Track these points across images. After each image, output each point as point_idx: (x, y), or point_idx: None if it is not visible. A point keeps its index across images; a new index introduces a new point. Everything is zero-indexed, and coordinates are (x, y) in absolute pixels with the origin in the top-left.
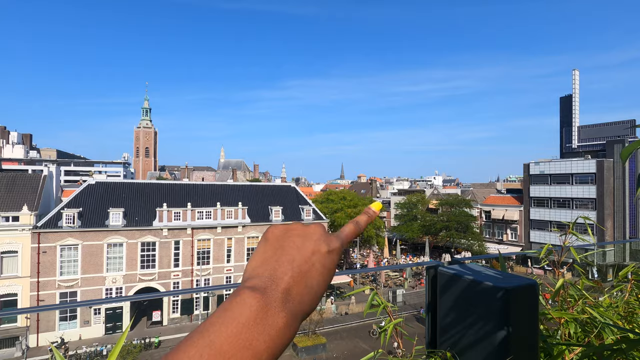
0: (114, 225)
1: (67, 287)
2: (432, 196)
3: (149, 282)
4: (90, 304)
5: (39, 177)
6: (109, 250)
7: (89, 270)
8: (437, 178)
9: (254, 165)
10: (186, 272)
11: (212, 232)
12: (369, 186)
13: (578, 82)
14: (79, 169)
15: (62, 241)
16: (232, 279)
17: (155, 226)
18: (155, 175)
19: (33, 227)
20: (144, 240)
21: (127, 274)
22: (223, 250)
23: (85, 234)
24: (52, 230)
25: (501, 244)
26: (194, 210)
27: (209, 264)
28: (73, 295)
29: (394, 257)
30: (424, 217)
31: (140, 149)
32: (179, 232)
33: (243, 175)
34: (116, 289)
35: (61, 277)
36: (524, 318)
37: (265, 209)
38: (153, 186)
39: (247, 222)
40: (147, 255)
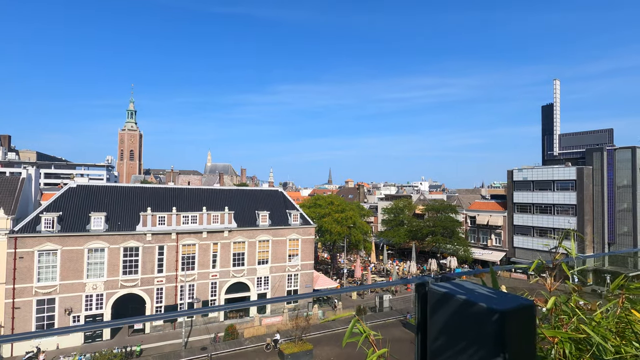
0: (95, 230)
1: (44, 293)
2: (418, 201)
3: (131, 289)
4: (115, 324)
5: (17, 180)
6: (90, 256)
7: (69, 276)
8: (423, 184)
9: (241, 169)
10: (170, 277)
11: (197, 237)
12: (357, 191)
13: (559, 92)
14: (60, 171)
15: (41, 246)
16: (217, 285)
17: (139, 231)
18: (140, 179)
19: (9, 232)
20: (126, 245)
21: (108, 279)
22: (208, 256)
23: (65, 238)
24: (30, 234)
25: (486, 249)
26: (179, 214)
27: (194, 270)
28: (51, 302)
29: (381, 262)
30: (410, 223)
31: (125, 152)
32: (163, 237)
33: (230, 179)
34: (97, 295)
35: (39, 283)
36: (521, 343)
37: (252, 214)
38: (137, 190)
39: (233, 227)
40: (129, 261)
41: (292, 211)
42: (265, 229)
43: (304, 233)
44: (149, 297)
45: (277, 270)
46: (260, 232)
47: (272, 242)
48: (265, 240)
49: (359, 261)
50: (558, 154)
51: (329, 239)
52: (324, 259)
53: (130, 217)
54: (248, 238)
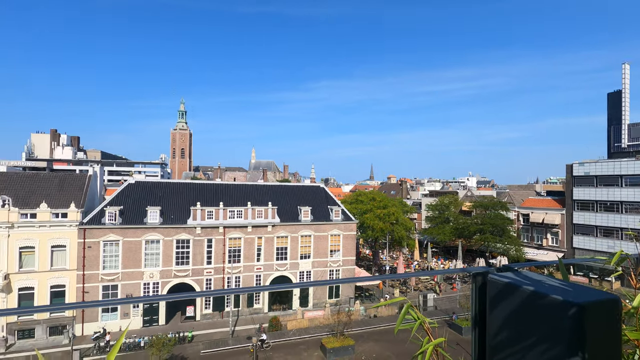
0: (152, 223)
1: (109, 280)
2: (465, 198)
3: (183, 279)
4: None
5: (85, 177)
6: (147, 247)
7: (129, 265)
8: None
9: (283, 165)
10: (218, 269)
11: (242, 231)
12: (399, 187)
13: (628, 77)
14: (121, 169)
15: (105, 237)
16: (261, 278)
17: (190, 224)
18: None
19: (79, 224)
20: (179, 237)
21: (163, 269)
22: (253, 249)
23: (126, 230)
24: (96, 226)
25: (540, 249)
26: (226, 209)
27: (240, 262)
28: (114, 289)
29: (425, 260)
30: (456, 220)
31: (176, 150)
32: (211, 231)
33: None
34: (153, 283)
35: (104, 270)
36: (603, 342)
37: (295, 209)
38: (188, 186)
39: (276, 222)
40: (181, 253)
41: (333, 207)
42: (307, 224)
43: (345, 229)
44: (199, 287)
45: (319, 265)
46: (302, 227)
47: (314, 238)
48: (307, 236)
49: (401, 258)
50: (627, 145)
51: (370, 235)
52: (365, 256)
53: (182, 211)
54: (290, 233)
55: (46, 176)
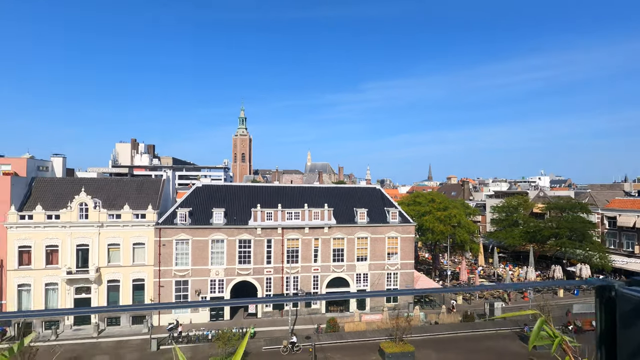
0: (217, 224)
1: (180, 276)
2: (537, 199)
3: (245, 277)
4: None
5: (160, 181)
6: (213, 246)
7: (198, 262)
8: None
9: (338, 167)
10: (277, 269)
11: (300, 232)
12: (460, 188)
13: None
14: (189, 173)
15: (177, 236)
16: (318, 278)
17: (251, 225)
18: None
19: (155, 224)
20: (241, 237)
21: (227, 267)
22: (310, 250)
23: (194, 230)
24: (170, 226)
25: (632, 257)
26: (284, 211)
27: (298, 263)
28: (185, 284)
29: (491, 265)
30: (527, 223)
31: (238, 155)
32: (270, 232)
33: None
34: (219, 280)
35: (176, 267)
36: None
37: (351, 211)
38: (249, 188)
39: (332, 224)
40: (243, 252)
41: (390, 209)
42: (363, 226)
43: (403, 231)
44: (259, 285)
45: (376, 267)
46: (359, 229)
47: (370, 240)
48: (363, 238)
49: (464, 263)
50: None
51: (430, 238)
52: (425, 259)
53: (244, 213)
54: (347, 235)
55: (128, 181)
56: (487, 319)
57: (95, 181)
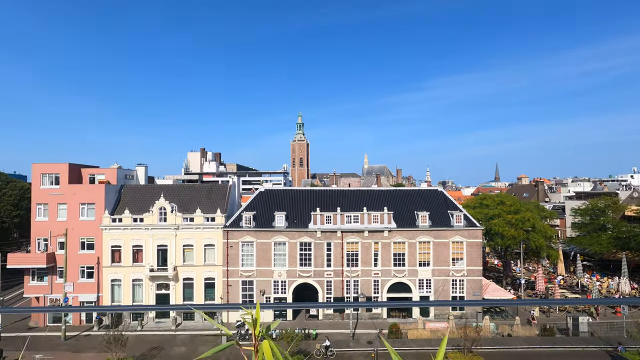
0: (279, 227)
1: (246, 276)
2: (629, 200)
3: (307, 279)
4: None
5: (226, 187)
6: (275, 248)
7: (262, 263)
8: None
9: (396, 170)
10: (337, 272)
11: (359, 235)
12: (534, 189)
13: None
14: (252, 178)
15: (242, 238)
16: (379, 283)
17: (311, 228)
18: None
19: (223, 226)
20: (301, 240)
21: (289, 269)
22: (370, 254)
23: (258, 233)
24: (236, 229)
25: None
26: (343, 214)
27: (358, 267)
28: (251, 284)
29: (573, 275)
30: (617, 227)
31: (296, 160)
32: (330, 235)
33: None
34: (281, 281)
35: (242, 267)
36: None
37: (411, 214)
38: (308, 192)
39: (392, 227)
40: (304, 254)
41: (454, 212)
42: (425, 230)
43: (469, 236)
44: (320, 287)
45: (440, 273)
46: (420, 233)
47: (433, 244)
48: (425, 242)
49: (540, 271)
50: None
51: (499, 243)
52: (494, 266)
53: (304, 216)
54: (408, 239)
55: (199, 187)
56: (570, 334)
57: (171, 187)
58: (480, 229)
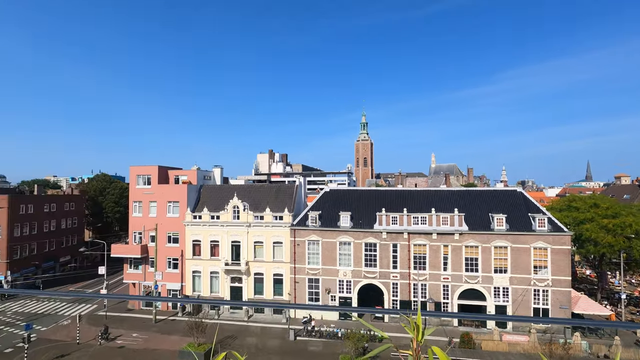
0: (344, 226)
1: (312, 274)
2: None
3: (372, 280)
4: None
5: (293, 187)
6: (341, 248)
7: (327, 262)
8: None
9: (467, 169)
10: (404, 274)
11: (427, 238)
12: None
13: None
14: (316, 178)
15: (309, 237)
16: (449, 288)
17: (376, 229)
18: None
19: (290, 225)
20: (366, 241)
21: (354, 269)
22: (439, 257)
23: (324, 232)
24: (302, 227)
25: None
26: (410, 215)
27: (425, 270)
28: (317, 282)
29: None
30: None
31: (360, 160)
32: (396, 236)
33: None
34: (346, 281)
35: (309, 265)
36: None
37: (485, 217)
38: (373, 192)
39: (464, 230)
40: (369, 255)
41: (536, 215)
42: (502, 233)
43: (554, 242)
44: (386, 289)
45: (519, 282)
46: (496, 237)
47: (510, 250)
48: (502, 247)
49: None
50: None
51: (592, 251)
52: (585, 277)
53: (369, 217)
54: (481, 243)
55: (267, 187)
56: None
57: (243, 187)
58: (568, 235)
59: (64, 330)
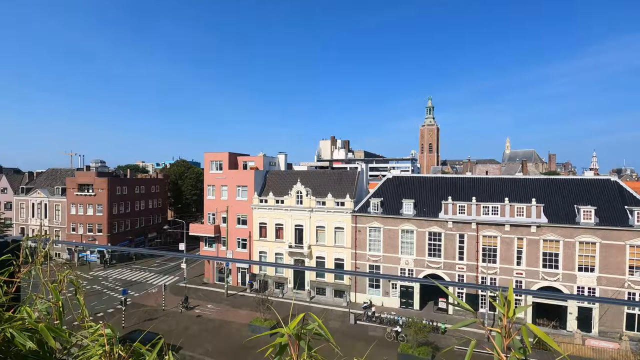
0: (406, 214)
1: (373, 260)
2: None
3: (435, 270)
4: None
5: (355, 173)
6: (403, 236)
7: (388, 250)
8: None
9: (549, 155)
10: (471, 267)
11: (499, 229)
12: None
13: None
14: (378, 165)
15: (370, 224)
16: (522, 284)
17: (441, 218)
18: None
19: (352, 211)
20: (430, 230)
21: (416, 258)
22: (512, 251)
23: (385, 219)
24: (364, 214)
25: None
26: (479, 204)
27: (496, 263)
28: (377, 269)
29: None
30: None
31: (425, 146)
32: (463, 226)
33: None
34: (408, 270)
35: (369, 252)
36: None
37: (570, 208)
38: (438, 180)
39: (542, 222)
40: (433, 245)
41: (635, 208)
42: (589, 228)
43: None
44: (451, 280)
45: (609, 283)
46: (582, 232)
47: (600, 246)
48: (589, 243)
49: None
50: None
51: None
52: None
53: (433, 205)
54: (563, 237)
55: (329, 173)
56: None
57: (306, 173)
58: None
59: (152, 297)
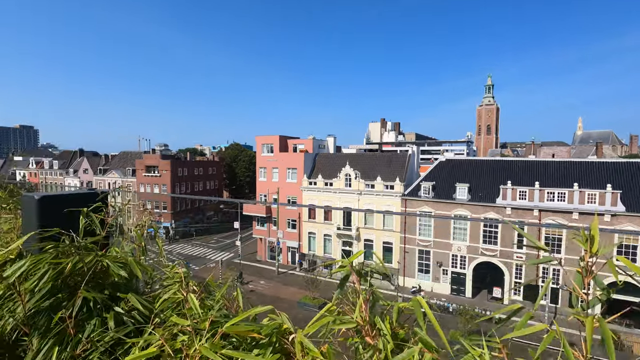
0: (460, 199)
1: (423, 245)
2: None
3: (490, 258)
4: None
5: (405, 156)
6: (455, 221)
7: (439, 235)
8: None
9: (630, 137)
10: (531, 256)
11: (565, 217)
12: None
13: None
14: (431, 148)
15: (420, 208)
16: None
17: (499, 204)
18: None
19: (402, 195)
20: (486, 216)
21: (470, 245)
22: None
23: (437, 204)
24: (414, 198)
25: None
26: (543, 190)
27: (560, 254)
28: (427, 254)
29: None
30: None
31: (482, 127)
32: (523, 213)
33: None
34: (460, 256)
35: (419, 236)
36: None
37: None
38: (497, 163)
39: (619, 211)
40: (489, 232)
41: None
42: None
43: None
44: (507, 269)
45: None
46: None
47: None
48: None
49: None
50: None
51: None
52: None
53: (490, 190)
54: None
55: (379, 156)
56: None
57: (355, 156)
58: None
59: (210, 271)
